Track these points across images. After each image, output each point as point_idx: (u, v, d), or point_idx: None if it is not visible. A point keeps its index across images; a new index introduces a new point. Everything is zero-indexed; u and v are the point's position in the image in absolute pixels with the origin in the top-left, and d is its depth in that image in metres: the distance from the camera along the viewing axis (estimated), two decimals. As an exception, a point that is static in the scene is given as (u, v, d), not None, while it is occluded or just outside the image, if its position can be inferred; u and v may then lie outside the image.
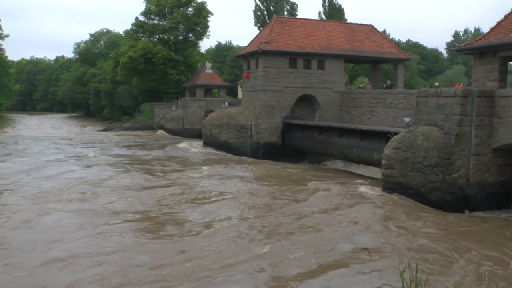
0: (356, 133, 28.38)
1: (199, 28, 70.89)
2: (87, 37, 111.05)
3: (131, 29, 72.63)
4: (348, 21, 57.52)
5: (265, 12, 74.32)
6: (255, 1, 74.89)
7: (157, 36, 70.52)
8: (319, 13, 74.74)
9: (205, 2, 69.82)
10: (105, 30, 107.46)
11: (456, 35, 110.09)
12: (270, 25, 37.10)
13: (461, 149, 19.53)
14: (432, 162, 19.71)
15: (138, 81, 67.99)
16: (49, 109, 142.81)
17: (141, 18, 70.72)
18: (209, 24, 71.74)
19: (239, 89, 75.38)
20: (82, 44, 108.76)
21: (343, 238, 14.91)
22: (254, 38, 38.75)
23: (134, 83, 69.28)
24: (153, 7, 68.45)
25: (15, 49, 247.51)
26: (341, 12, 73.52)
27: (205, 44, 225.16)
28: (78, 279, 11.40)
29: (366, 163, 28.32)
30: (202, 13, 69.28)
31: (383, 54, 38.58)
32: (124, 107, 75.69)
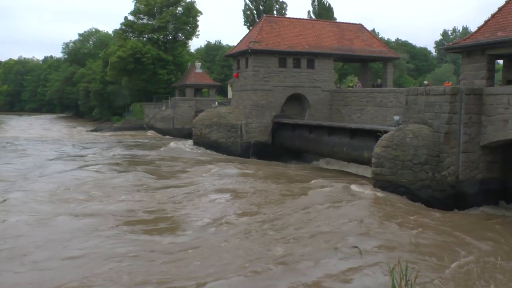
0: (346, 132, 28.47)
1: (189, 28, 70.75)
2: (76, 37, 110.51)
3: (120, 29, 72.33)
4: (338, 20, 57.76)
5: (255, 12, 74.31)
6: (245, 1, 74.92)
7: (147, 36, 70.25)
8: (308, 12, 75.04)
9: (194, 2, 69.81)
10: (94, 30, 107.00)
11: (445, 34, 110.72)
12: (260, 25, 37.10)
13: (450, 147, 19.67)
14: (422, 160, 19.83)
15: (128, 81, 67.66)
16: (38, 110, 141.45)
17: (130, 18, 70.46)
18: (199, 24, 71.87)
19: (229, 89, 75.28)
20: (71, 44, 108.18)
21: (334, 236, 14.94)
22: (244, 38, 38.73)
23: (124, 83, 68.95)
24: (142, 7, 68.17)
25: (3, 49, 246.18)
26: (331, 11, 73.74)
27: (195, 44, 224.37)
28: (93, 275, 11.69)
29: (356, 162, 28.41)
30: (192, 13, 69.14)
31: (373, 53, 38.72)
32: (114, 107, 75.34)
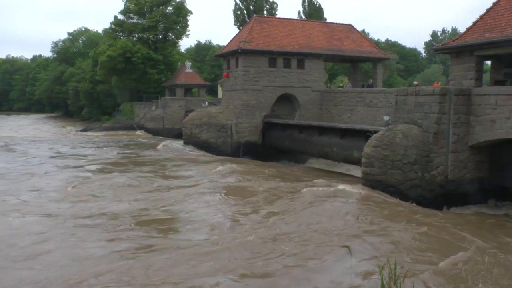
0: (336, 132, 28.56)
1: (179, 27, 70.56)
2: (65, 36, 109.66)
3: (110, 28, 71.95)
4: (328, 21, 57.88)
5: (245, 12, 74.22)
6: (235, 1, 74.79)
7: (137, 35, 70.01)
8: (299, 13, 75.14)
9: (185, 1, 69.64)
10: (84, 29, 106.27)
11: (434, 35, 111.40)
12: (250, 25, 37.11)
13: (440, 147, 19.80)
14: (411, 160, 19.95)
15: (118, 81, 67.40)
16: (27, 109, 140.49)
17: (120, 17, 70.18)
18: (189, 23, 71.72)
19: (219, 89, 75.21)
20: (60, 43, 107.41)
21: (324, 236, 14.99)
22: (234, 37, 38.72)
23: (114, 83, 68.65)
24: (132, 6, 67.91)
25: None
26: (321, 12, 73.92)
27: (185, 43, 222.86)
28: (108, 272, 11.91)
29: (346, 162, 28.52)
30: (182, 12, 68.99)
31: (363, 53, 38.87)
32: (104, 107, 74.97)
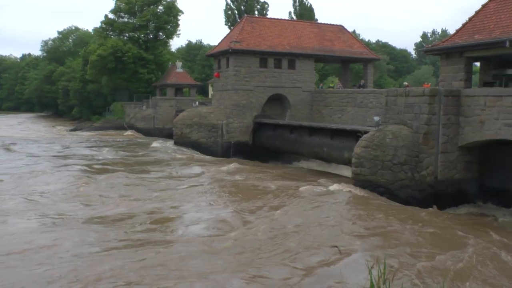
0: (327, 132, 28.60)
1: (170, 27, 70.39)
2: (55, 35, 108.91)
3: (101, 27, 71.62)
4: (319, 21, 58.04)
5: (236, 12, 74.30)
6: (226, 1, 74.95)
7: (127, 35, 69.71)
8: (290, 13, 75.35)
9: (175, 1, 69.55)
10: (74, 28, 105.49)
11: (424, 36, 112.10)
12: (241, 25, 37.09)
13: (429, 147, 19.91)
14: (401, 160, 20.03)
15: (108, 80, 67.07)
16: (16, 109, 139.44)
17: (111, 16, 69.84)
18: (180, 23, 71.57)
19: (210, 88, 75.12)
20: (50, 42, 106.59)
21: (313, 236, 15.00)
22: (225, 37, 38.68)
23: (104, 82, 68.32)
24: (123, 5, 67.62)
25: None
26: (312, 12, 74.13)
27: (176, 43, 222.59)
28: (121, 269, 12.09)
29: (337, 162, 28.57)
30: (173, 12, 68.82)
31: (353, 54, 38.97)
32: (94, 107, 74.58)
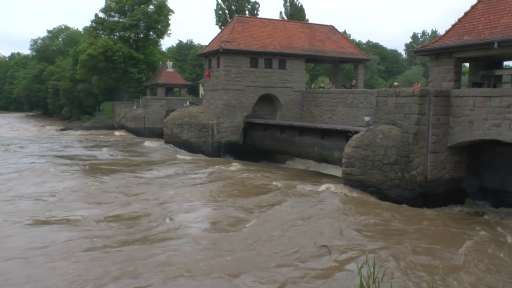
0: (317, 132, 28.67)
1: (160, 26, 70.08)
2: (45, 34, 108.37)
3: (91, 26, 71.11)
4: (309, 21, 58.12)
5: (227, 11, 74.21)
6: (217, 0, 74.79)
7: (118, 34, 69.30)
8: (280, 13, 75.40)
9: (166, 0, 69.22)
10: (64, 27, 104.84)
11: (415, 37, 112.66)
12: (232, 24, 37.07)
13: (419, 147, 20.02)
14: (391, 160, 20.10)
15: (98, 80, 66.69)
16: (5, 108, 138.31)
17: (101, 15, 69.42)
18: (170, 22, 71.23)
19: (201, 88, 75.04)
20: (40, 41, 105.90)
21: (303, 236, 15.00)
22: (216, 37, 38.65)
23: (94, 82, 67.95)
24: (113, 4, 67.25)
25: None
26: (302, 12, 74.20)
27: (166, 43, 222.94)
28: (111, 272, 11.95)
29: (327, 162, 28.65)
30: (163, 11, 68.57)
31: (344, 54, 39.09)
32: (84, 106, 74.16)
